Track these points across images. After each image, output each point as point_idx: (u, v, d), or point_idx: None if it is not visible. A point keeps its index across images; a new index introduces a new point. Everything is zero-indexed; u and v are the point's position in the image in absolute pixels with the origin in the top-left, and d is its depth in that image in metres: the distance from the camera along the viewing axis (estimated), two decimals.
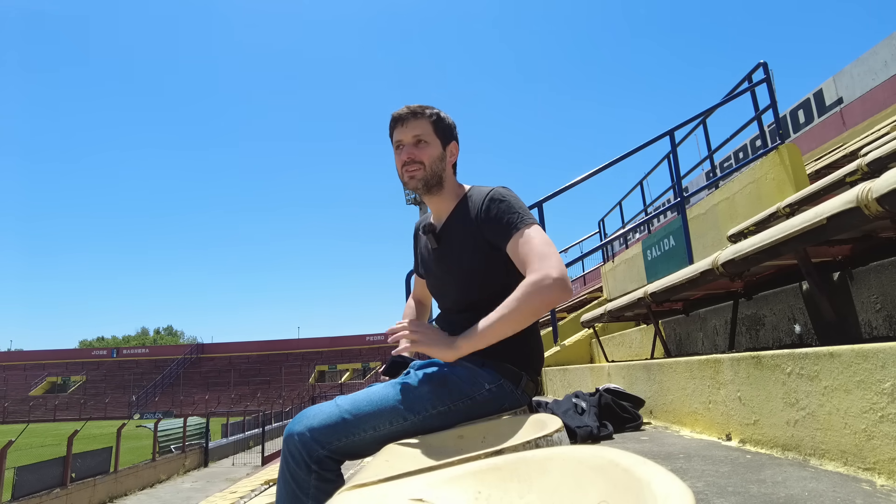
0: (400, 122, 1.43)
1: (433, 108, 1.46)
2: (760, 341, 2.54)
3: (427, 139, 1.42)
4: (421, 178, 1.42)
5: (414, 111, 1.43)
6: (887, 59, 9.21)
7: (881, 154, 2.69)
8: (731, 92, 5.05)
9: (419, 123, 1.42)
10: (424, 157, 1.41)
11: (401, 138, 1.43)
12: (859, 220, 1.41)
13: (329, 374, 55.71)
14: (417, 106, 1.44)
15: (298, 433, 1.16)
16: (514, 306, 1.21)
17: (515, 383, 1.33)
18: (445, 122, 1.47)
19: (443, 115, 1.47)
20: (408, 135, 1.42)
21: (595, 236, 10.03)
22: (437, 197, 1.46)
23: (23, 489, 12.26)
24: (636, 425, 2.32)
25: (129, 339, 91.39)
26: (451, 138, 1.48)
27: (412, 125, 1.42)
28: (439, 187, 1.45)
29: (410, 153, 1.41)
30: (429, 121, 1.43)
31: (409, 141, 1.42)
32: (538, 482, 0.66)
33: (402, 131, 1.43)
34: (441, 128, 1.45)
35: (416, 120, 1.42)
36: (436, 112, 1.45)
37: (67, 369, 58.91)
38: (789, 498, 1.11)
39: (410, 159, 1.41)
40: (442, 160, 1.44)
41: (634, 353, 4.23)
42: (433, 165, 1.42)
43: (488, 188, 1.42)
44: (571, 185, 4.98)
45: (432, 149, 1.43)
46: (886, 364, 1.15)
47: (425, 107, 1.45)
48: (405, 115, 1.42)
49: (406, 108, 1.44)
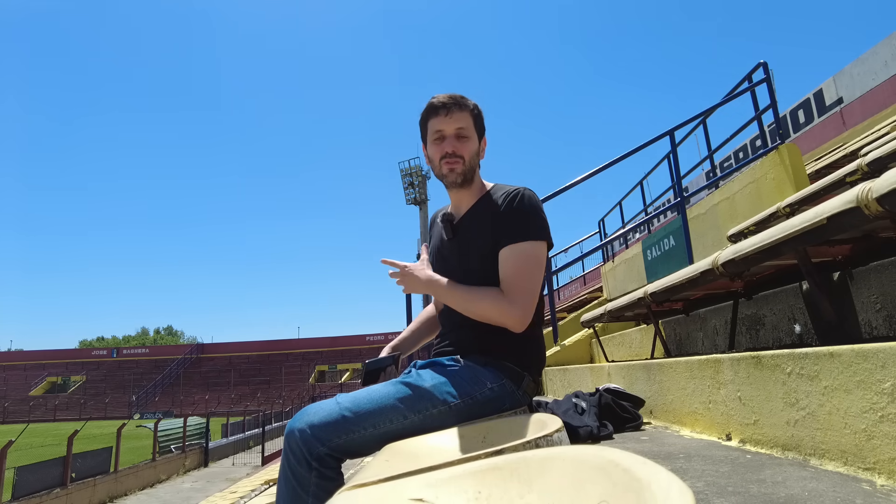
0: (444, 111, 1.39)
1: (472, 100, 1.44)
2: (760, 341, 2.54)
3: (468, 133, 1.41)
4: (461, 173, 1.41)
5: (458, 101, 1.40)
6: (887, 59, 9.21)
7: (881, 154, 2.69)
8: (731, 92, 5.05)
9: (462, 116, 1.40)
10: (465, 151, 1.40)
11: (443, 128, 1.40)
12: (859, 219, 1.41)
13: (329, 374, 55.69)
14: (459, 96, 1.41)
15: (299, 430, 1.15)
16: (469, 300, 1.34)
17: (517, 383, 1.33)
18: (481, 115, 1.46)
19: (480, 108, 1.45)
20: (451, 126, 1.39)
21: (595, 236, 10.02)
22: (464, 191, 1.46)
23: (23, 489, 12.26)
24: (636, 425, 2.32)
25: (129, 339, 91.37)
26: (483, 133, 1.48)
27: (456, 116, 1.39)
28: (471, 182, 1.45)
29: (454, 146, 1.39)
30: (471, 114, 1.41)
31: (452, 132, 1.40)
32: (538, 482, 0.66)
33: (444, 121, 1.39)
34: (479, 122, 1.44)
35: (461, 112, 1.40)
36: (475, 104, 1.44)
37: (67, 369, 58.88)
38: (789, 498, 1.11)
39: (453, 152, 1.39)
40: (478, 155, 1.45)
41: (634, 353, 4.23)
42: (471, 160, 1.42)
43: (514, 187, 1.41)
44: (571, 184, 4.98)
45: (472, 143, 1.42)
46: (886, 364, 1.15)
47: (465, 98, 1.42)
48: (449, 104, 1.39)
49: (448, 97, 1.40)
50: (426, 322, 1.70)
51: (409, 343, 1.64)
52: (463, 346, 1.38)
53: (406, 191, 47.55)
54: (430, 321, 1.69)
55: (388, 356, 1.51)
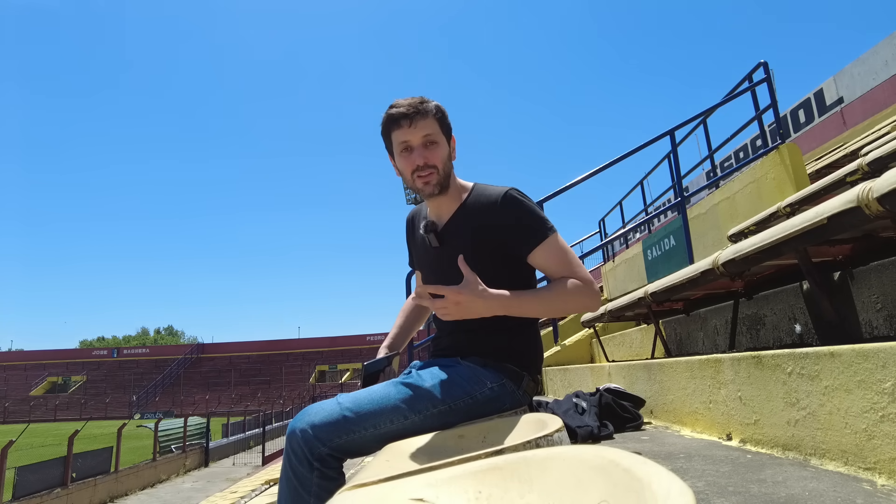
0: (406, 121, 1.30)
1: (432, 101, 1.36)
2: (761, 341, 2.54)
3: (436, 139, 1.33)
4: (437, 184, 1.34)
5: (419, 108, 1.31)
6: (888, 59, 9.21)
7: (882, 154, 2.69)
8: (731, 92, 5.05)
9: (427, 122, 1.32)
10: (437, 159, 1.33)
11: (408, 139, 1.31)
12: (860, 219, 1.41)
13: (329, 373, 55.69)
14: (419, 101, 1.33)
15: (301, 430, 1.15)
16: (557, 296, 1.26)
17: (517, 383, 1.33)
18: (446, 115, 1.38)
19: (442, 109, 1.38)
20: (417, 136, 1.31)
21: (595, 236, 10.03)
22: (443, 196, 1.39)
23: (23, 489, 12.26)
24: (637, 425, 2.32)
25: (129, 339, 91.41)
26: (451, 132, 1.40)
27: (420, 125, 1.31)
28: (448, 188, 1.38)
29: (424, 157, 1.32)
30: (434, 118, 1.33)
31: (419, 142, 1.31)
32: (539, 482, 0.66)
33: (408, 132, 1.31)
34: (444, 124, 1.37)
35: (424, 119, 1.31)
36: (437, 105, 1.36)
37: (68, 369, 58.91)
38: (790, 498, 1.11)
39: (425, 164, 1.32)
40: (450, 158, 1.38)
41: (635, 353, 4.23)
42: (445, 167, 1.35)
43: (498, 188, 1.36)
44: (571, 184, 4.98)
45: (441, 149, 1.35)
46: (887, 364, 1.15)
47: (425, 100, 1.34)
48: (411, 113, 1.30)
49: (408, 104, 1.31)
50: (410, 314, 1.69)
51: (402, 339, 1.64)
52: (461, 349, 1.38)
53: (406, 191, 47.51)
54: (414, 312, 1.70)
55: (385, 356, 1.51)
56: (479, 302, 1.17)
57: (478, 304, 1.17)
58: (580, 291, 1.26)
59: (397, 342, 1.62)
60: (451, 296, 1.15)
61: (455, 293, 1.15)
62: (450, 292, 1.15)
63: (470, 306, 1.16)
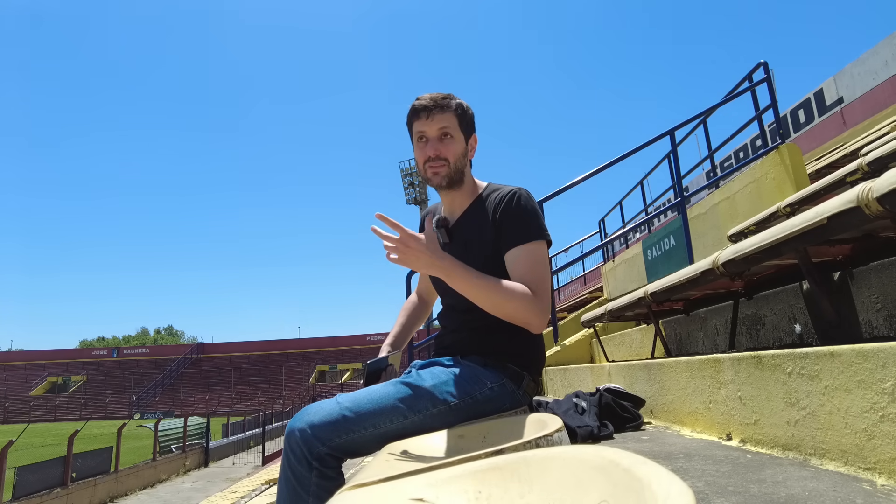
0: (424, 113, 1.34)
1: (456, 98, 1.39)
2: (761, 341, 2.54)
3: (452, 133, 1.36)
4: (445, 176, 1.37)
5: (439, 103, 1.35)
6: (888, 59, 9.21)
7: (882, 154, 2.69)
8: (731, 91, 5.05)
9: (445, 116, 1.35)
10: (449, 153, 1.36)
11: (424, 130, 1.35)
12: (860, 219, 1.41)
13: (329, 373, 55.70)
14: (441, 96, 1.37)
15: (300, 429, 1.15)
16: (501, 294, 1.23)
17: (517, 383, 1.33)
18: (468, 113, 1.41)
19: (466, 107, 1.41)
20: (433, 128, 1.35)
21: (595, 236, 10.03)
22: (455, 192, 1.42)
23: (23, 489, 12.26)
24: (637, 425, 2.32)
25: (129, 338, 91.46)
26: (472, 131, 1.43)
27: (438, 118, 1.34)
28: (460, 183, 1.41)
29: (436, 149, 1.35)
30: (454, 113, 1.37)
31: (434, 135, 1.35)
32: (539, 482, 0.66)
33: (425, 123, 1.35)
34: (465, 121, 1.40)
35: (442, 113, 1.35)
36: (459, 103, 1.39)
37: (68, 369, 58.91)
38: (790, 498, 1.11)
39: (436, 155, 1.35)
40: (465, 155, 1.40)
41: (635, 353, 4.23)
42: (457, 162, 1.38)
43: (509, 187, 1.39)
44: (571, 184, 4.98)
45: (457, 144, 1.37)
46: (887, 364, 1.15)
47: (449, 96, 1.38)
48: (430, 106, 1.34)
49: (430, 97, 1.36)
50: (411, 313, 1.70)
51: (403, 337, 1.65)
52: (463, 348, 1.39)
53: (406, 191, 47.65)
54: (415, 310, 1.71)
55: (386, 355, 1.52)
56: (426, 256, 1.18)
57: (423, 258, 1.18)
58: (525, 301, 1.23)
59: (399, 341, 1.63)
60: (404, 236, 1.16)
61: (411, 237, 1.17)
62: (406, 233, 1.16)
63: (416, 256, 1.18)
